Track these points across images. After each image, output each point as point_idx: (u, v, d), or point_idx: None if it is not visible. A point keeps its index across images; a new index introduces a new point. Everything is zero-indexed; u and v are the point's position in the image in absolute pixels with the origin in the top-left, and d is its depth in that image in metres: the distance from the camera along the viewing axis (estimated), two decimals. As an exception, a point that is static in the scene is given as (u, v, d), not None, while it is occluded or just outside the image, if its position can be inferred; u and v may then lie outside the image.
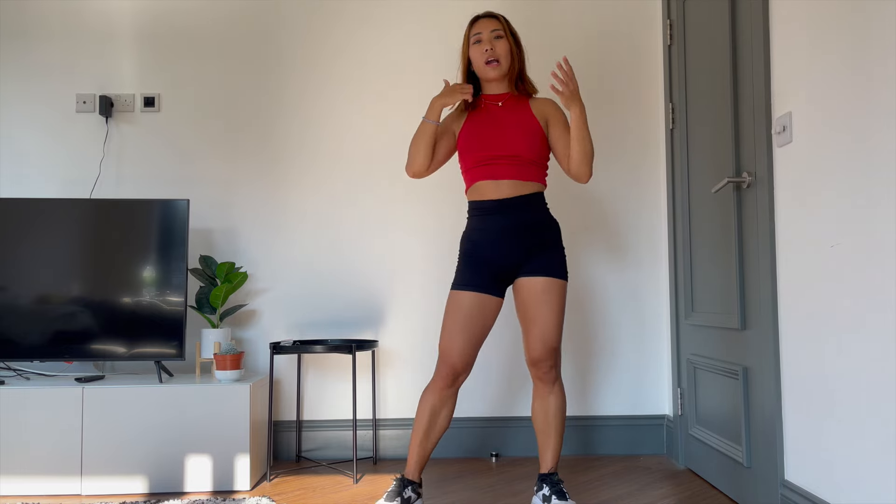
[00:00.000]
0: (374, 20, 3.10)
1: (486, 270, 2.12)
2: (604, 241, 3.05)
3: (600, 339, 3.03)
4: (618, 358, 3.03)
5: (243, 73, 3.09)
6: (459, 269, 2.15)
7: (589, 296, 3.04)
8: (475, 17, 2.24)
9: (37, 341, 2.65)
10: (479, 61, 2.19)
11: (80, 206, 2.70)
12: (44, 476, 2.49)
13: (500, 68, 2.18)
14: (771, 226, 1.99)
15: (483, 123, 2.18)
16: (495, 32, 2.18)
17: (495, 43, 2.18)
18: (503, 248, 2.11)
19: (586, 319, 3.03)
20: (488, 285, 2.11)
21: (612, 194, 3.06)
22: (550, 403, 2.15)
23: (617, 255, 3.05)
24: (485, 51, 2.17)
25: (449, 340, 2.09)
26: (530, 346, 2.11)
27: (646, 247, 3.05)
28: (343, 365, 3.02)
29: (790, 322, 1.92)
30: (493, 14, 2.23)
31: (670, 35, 2.85)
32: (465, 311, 2.09)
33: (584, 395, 3.02)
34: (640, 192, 3.06)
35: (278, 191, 3.07)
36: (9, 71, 3.08)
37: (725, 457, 2.33)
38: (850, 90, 1.64)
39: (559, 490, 2.11)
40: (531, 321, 2.11)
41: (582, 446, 3.00)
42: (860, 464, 1.63)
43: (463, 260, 2.16)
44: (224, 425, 2.52)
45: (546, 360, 2.10)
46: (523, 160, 2.13)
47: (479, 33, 2.19)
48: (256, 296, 3.03)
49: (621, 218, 3.05)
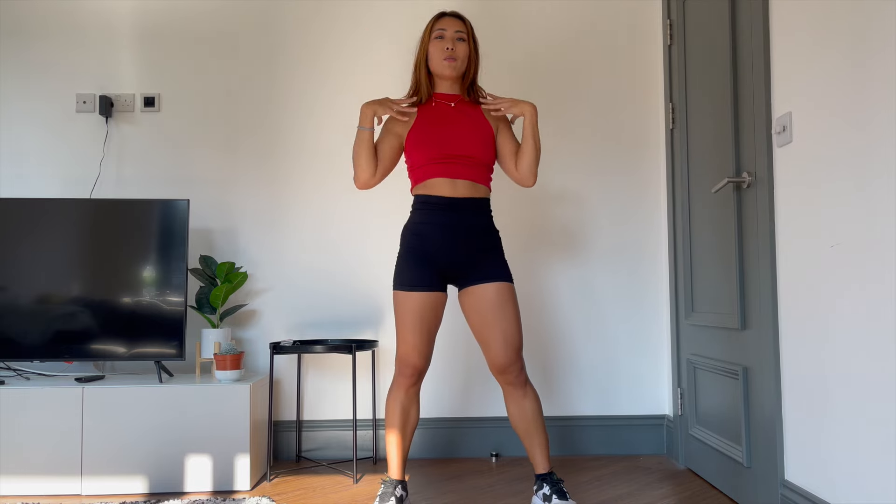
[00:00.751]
0: (373, 20, 3.10)
1: (431, 267, 2.12)
2: (604, 240, 3.05)
3: (600, 339, 3.03)
4: (618, 358, 3.03)
5: (243, 73, 3.09)
6: (402, 268, 2.14)
7: (589, 296, 3.04)
8: (441, 14, 2.24)
9: (37, 341, 2.65)
10: (437, 57, 2.19)
11: (80, 206, 2.70)
12: (44, 476, 2.49)
13: (457, 67, 2.19)
14: (771, 226, 1.99)
15: (437, 122, 2.18)
16: (459, 34, 2.20)
17: (457, 44, 2.19)
18: (449, 245, 2.12)
19: (586, 319, 3.03)
20: (434, 283, 2.12)
21: (613, 194, 3.06)
22: (527, 407, 2.14)
23: (617, 255, 3.05)
24: (445, 48, 2.17)
25: (406, 344, 2.11)
26: (495, 354, 2.10)
27: (646, 247, 3.05)
28: (343, 365, 3.02)
29: (790, 322, 1.92)
30: (460, 16, 2.24)
31: (670, 35, 2.85)
32: (417, 313, 2.10)
33: (585, 394, 3.02)
34: (640, 192, 3.06)
35: (278, 191, 3.07)
36: (9, 70, 3.08)
37: (725, 457, 2.33)
38: (851, 90, 1.64)
39: (559, 489, 2.11)
40: (490, 328, 2.10)
41: (582, 446, 3.00)
42: (860, 464, 1.63)
43: (406, 256, 2.14)
44: (224, 425, 2.52)
45: (513, 364, 2.10)
46: (477, 161, 2.16)
47: (444, 30, 2.20)
48: (256, 296, 3.03)
49: (621, 218, 3.05)
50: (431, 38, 2.21)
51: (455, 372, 3.02)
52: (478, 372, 3.02)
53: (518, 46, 3.09)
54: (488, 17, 3.09)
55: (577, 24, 3.10)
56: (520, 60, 3.09)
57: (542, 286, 3.04)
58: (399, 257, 2.17)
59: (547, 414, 3.01)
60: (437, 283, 2.12)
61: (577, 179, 3.06)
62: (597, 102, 3.08)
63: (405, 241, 2.17)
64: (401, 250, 2.17)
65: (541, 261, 3.05)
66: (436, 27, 2.21)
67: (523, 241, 3.05)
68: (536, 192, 3.06)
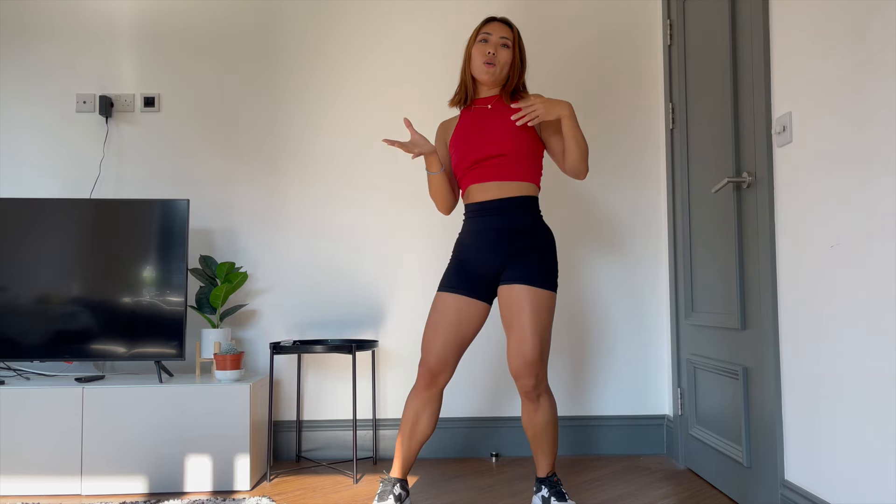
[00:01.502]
0: (373, 21, 3.10)
1: (469, 274, 2.11)
2: (604, 240, 3.05)
3: (600, 339, 3.03)
4: (618, 358, 3.03)
5: (243, 73, 3.09)
6: (446, 272, 2.16)
7: (589, 295, 3.04)
8: (490, 18, 2.21)
9: (37, 341, 2.65)
10: (477, 60, 2.16)
11: (79, 207, 2.70)
12: (44, 476, 2.49)
13: (494, 73, 2.14)
14: (771, 226, 1.99)
15: (470, 126, 2.16)
16: (504, 40, 2.15)
17: (500, 50, 2.15)
18: (484, 252, 2.09)
19: (586, 319, 3.03)
20: (472, 289, 2.09)
21: (612, 194, 3.06)
22: (538, 419, 2.09)
23: (617, 255, 3.05)
24: (487, 52, 2.14)
25: (427, 342, 2.10)
26: (510, 360, 2.04)
27: (646, 247, 3.05)
28: (343, 365, 3.02)
29: (790, 322, 1.92)
30: (508, 22, 2.19)
31: (670, 35, 2.85)
32: (445, 313, 2.08)
33: (584, 395, 3.02)
34: (640, 192, 3.06)
35: (278, 190, 3.07)
36: (9, 71, 3.08)
37: (725, 457, 2.33)
38: (851, 89, 1.64)
39: (558, 491, 2.11)
40: (510, 332, 2.05)
41: (582, 446, 3.00)
42: (860, 464, 1.63)
43: (451, 262, 2.16)
44: (224, 425, 2.52)
45: (525, 375, 2.01)
46: (510, 159, 2.09)
47: (489, 34, 2.16)
48: (256, 296, 3.03)
49: (621, 218, 3.05)
50: (476, 41, 2.17)
51: (457, 373, 3.01)
52: (479, 372, 3.02)
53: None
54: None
55: (577, 23, 3.09)
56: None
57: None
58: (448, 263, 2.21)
59: (547, 414, 3.01)
60: (474, 290, 2.09)
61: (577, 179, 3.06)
62: (597, 102, 3.08)
63: (454, 249, 2.19)
64: (451, 258, 2.21)
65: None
66: (482, 31, 2.17)
67: (523, 241, 3.05)
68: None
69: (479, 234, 2.10)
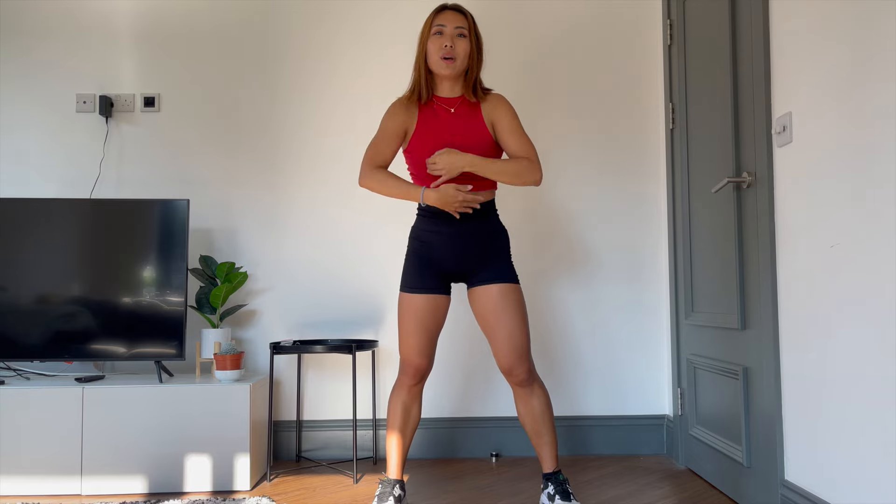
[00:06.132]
0: (374, 22, 3.10)
1: (434, 271, 2.13)
2: (604, 240, 3.05)
3: (600, 339, 3.03)
4: (618, 358, 3.03)
5: (243, 73, 3.09)
6: (408, 270, 2.14)
7: (589, 296, 3.04)
8: (442, 6, 2.12)
9: (37, 341, 2.65)
10: (434, 55, 2.08)
11: (80, 207, 2.70)
12: (44, 476, 2.49)
13: (455, 67, 2.08)
14: (771, 226, 1.99)
15: (434, 131, 2.11)
16: (459, 30, 2.08)
17: (457, 41, 2.07)
18: (455, 253, 2.11)
19: (586, 319, 3.03)
20: (437, 286, 2.12)
21: (612, 194, 3.06)
22: (535, 406, 2.13)
23: (617, 255, 3.05)
24: (444, 46, 2.06)
25: (408, 345, 2.12)
26: (501, 355, 2.09)
27: (646, 247, 3.04)
28: (343, 365, 3.02)
29: (790, 322, 1.92)
30: (461, 9, 2.11)
31: (670, 35, 2.85)
32: (419, 314, 2.11)
33: (585, 394, 3.02)
34: (640, 192, 3.06)
35: (278, 190, 3.07)
36: (9, 71, 3.08)
37: (725, 457, 2.33)
38: (851, 90, 1.64)
39: (564, 490, 2.11)
40: (495, 329, 2.09)
41: (582, 446, 2.99)
42: (860, 464, 1.63)
43: (412, 258, 2.15)
44: (224, 425, 2.52)
45: (519, 365, 2.09)
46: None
47: (443, 25, 2.08)
48: (256, 296, 3.03)
49: (621, 218, 3.05)
50: (430, 34, 2.09)
51: (455, 372, 3.02)
52: (478, 372, 3.02)
53: (518, 46, 3.09)
54: (488, 15, 3.09)
55: (578, 23, 3.09)
56: (520, 60, 3.09)
57: (541, 286, 3.04)
58: (405, 259, 2.18)
59: (547, 414, 3.01)
60: (439, 286, 2.13)
61: (576, 180, 3.06)
62: (597, 102, 3.08)
63: (411, 244, 2.18)
64: (407, 252, 2.19)
65: (540, 261, 3.04)
66: (435, 22, 2.09)
67: (523, 242, 3.05)
68: (536, 193, 3.06)
69: (450, 236, 2.10)
